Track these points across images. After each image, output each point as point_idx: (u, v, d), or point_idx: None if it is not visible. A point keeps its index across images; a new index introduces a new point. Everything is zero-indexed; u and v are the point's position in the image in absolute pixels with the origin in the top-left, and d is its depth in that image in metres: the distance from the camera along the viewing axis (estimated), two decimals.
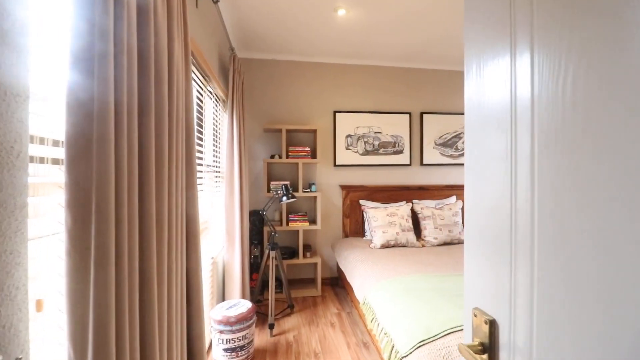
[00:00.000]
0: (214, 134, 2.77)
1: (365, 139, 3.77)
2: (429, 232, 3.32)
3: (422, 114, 3.89)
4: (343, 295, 3.42)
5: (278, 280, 3.46)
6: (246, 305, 2.25)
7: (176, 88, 1.10)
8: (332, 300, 3.27)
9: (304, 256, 3.42)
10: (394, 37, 3.15)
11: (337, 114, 3.72)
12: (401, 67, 3.89)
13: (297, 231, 3.62)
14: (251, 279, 3.30)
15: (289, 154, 3.42)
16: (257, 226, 3.44)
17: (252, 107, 3.61)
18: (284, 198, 2.86)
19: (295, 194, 3.33)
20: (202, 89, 2.33)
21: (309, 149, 3.45)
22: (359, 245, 3.19)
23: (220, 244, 2.77)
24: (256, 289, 2.91)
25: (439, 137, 3.94)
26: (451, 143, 3.97)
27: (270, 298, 2.69)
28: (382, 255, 2.83)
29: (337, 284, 3.75)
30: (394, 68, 3.88)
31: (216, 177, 2.79)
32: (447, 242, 3.31)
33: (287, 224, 3.40)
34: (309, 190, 3.50)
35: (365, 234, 3.52)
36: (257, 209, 3.53)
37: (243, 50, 3.49)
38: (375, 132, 3.79)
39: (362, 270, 2.53)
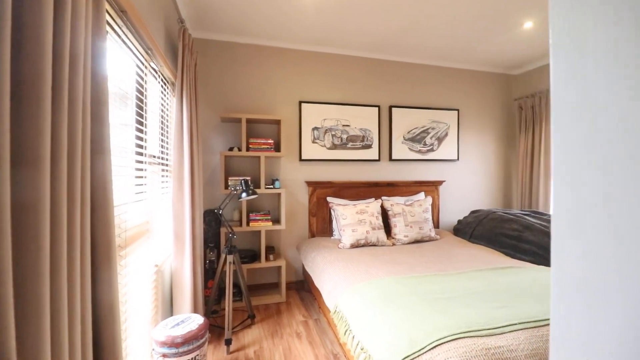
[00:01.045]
0: (161, 121, 2.36)
1: (333, 132, 3.54)
2: (400, 229, 3.17)
3: (391, 107, 3.75)
4: (310, 300, 3.16)
5: (237, 287, 3.11)
6: (197, 320, 1.90)
7: (70, 21, 0.75)
8: (297, 307, 2.99)
9: (267, 259, 3.11)
10: (364, 24, 2.94)
11: (302, 104, 3.44)
12: (370, 58, 3.71)
13: (259, 232, 3.30)
14: (206, 287, 2.92)
15: (250, 146, 3.08)
16: (213, 227, 3.06)
17: (208, 94, 3.21)
18: (244, 195, 2.53)
19: (257, 190, 3.01)
20: (143, 65, 1.93)
21: (272, 142, 3.14)
22: (327, 246, 2.95)
23: (167, 249, 2.37)
24: (211, 298, 2.55)
25: (408, 132, 3.82)
26: (419, 138, 3.87)
27: (227, 309, 2.35)
28: (352, 256, 2.61)
29: (303, 288, 3.47)
30: (363, 58, 3.69)
31: (163, 171, 2.39)
32: (417, 239, 3.18)
33: (248, 224, 3.06)
34: (272, 186, 3.19)
35: (334, 233, 3.29)
36: (213, 208, 3.15)
37: (197, 29, 3.09)
38: (343, 125, 3.57)
39: (331, 274, 2.29)
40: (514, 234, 3.02)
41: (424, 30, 3.12)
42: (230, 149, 3.06)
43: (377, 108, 3.69)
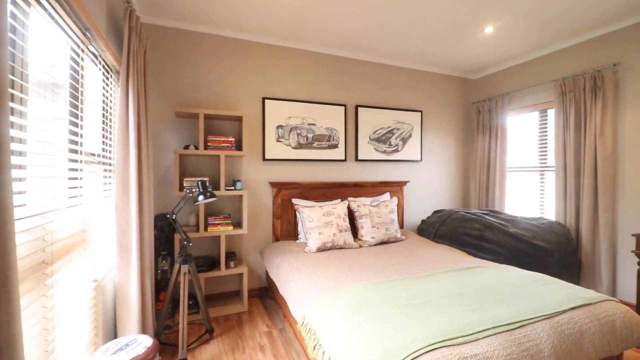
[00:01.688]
0: (104, 115, 2.06)
1: (299, 131, 3.40)
2: (366, 231, 3.11)
3: (357, 106, 3.69)
4: (274, 308, 2.99)
5: (194, 298, 2.85)
6: (144, 343, 1.66)
7: None
8: (261, 316, 2.81)
9: (227, 266, 2.89)
10: (333, 21, 2.84)
11: (266, 100, 3.26)
12: (338, 56, 3.63)
13: (219, 237, 3.06)
14: (158, 300, 2.63)
15: (208, 144, 2.84)
16: (166, 233, 2.77)
17: (162, 86, 2.91)
18: (201, 197, 2.30)
19: (216, 192, 2.78)
20: (80, 49, 1.65)
21: (234, 140, 2.92)
22: (292, 250, 2.80)
23: (110, 261, 2.07)
24: (163, 312, 2.28)
25: (374, 132, 3.80)
26: (385, 139, 3.86)
27: (181, 324, 2.11)
28: (319, 261, 2.49)
29: (267, 295, 3.29)
30: (331, 56, 3.59)
31: (106, 171, 2.09)
32: (384, 240, 3.15)
33: (206, 229, 2.81)
34: (233, 188, 2.97)
35: (299, 236, 3.15)
36: (166, 212, 2.86)
37: (150, 13, 2.78)
38: (309, 124, 3.44)
39: (297, 282, 2.15)
40: (475, 233, 3.09)
41: (391, 32, 3.09)
42: (186, 147, 2.80)
43: (343, 107, 3.61)
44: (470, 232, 3.13)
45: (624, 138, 2.91)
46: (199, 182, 2.34)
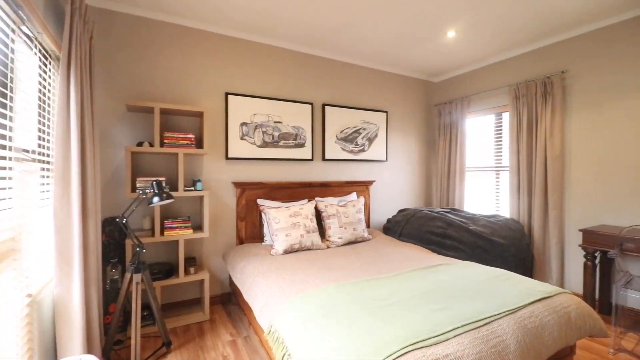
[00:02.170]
0: (41, 106, 1.81)
1: (264, 129, 3.27)
2: (334, 231, 3.07)
3: (324, 105, 3.65)
4: (238, 315, 2.84)
5: (149, 309, 2.62)
6: None
7: None
8: (224, 324, 2.66)
9: (187, 272, 2.70)
10: (301, 16, 2.75)
11: (230, 96, 3.10)
12: (305, 53, 3.55)
13: (177, 242, 2.85)
14: (107, 312, 2.38)
15: (165, 141, 2.62)
16: (116, 239, 2.52)
17: (113, 77, 2.65)
18: (156, 199, 2.11)
19: (174, 193, 2.58)
20: (10, 29, 1.42)
21: (194, 137, 2.73)
22: (258, 253, 2.68)
23: (48, 272, 1.82)
24: (113, 326, 2.06)
25: (341, 132, 3.77)
26: (352, 138, 3.86)
27: (133, 338, 1.91)
28: (287, 264, 2.40)
29: (230, 301, 3.13)
30: (298, 53, 3.50)
31: (44, 170, 1.84)
32: (351, 241, 3.13)
33: (162, 234, 2.60)
34: (193, 188, 2.78)
35: (265, 238, 3.03)
36: (116, 216, 2.61)
37: None
38: (275, 122, 3.33)
39: (263, 287, 2.04)
40: (439, 231, 3.18)
41: (356, 32, 3.08)
42: (140, 144, 2.57)
43: (310, 105, 3.54)
44: (434, 230, 3.21)
45: (571, 140, 3.14)
46: (154, 183, 2.14)
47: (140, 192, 2.16)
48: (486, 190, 4.06)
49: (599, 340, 2.36)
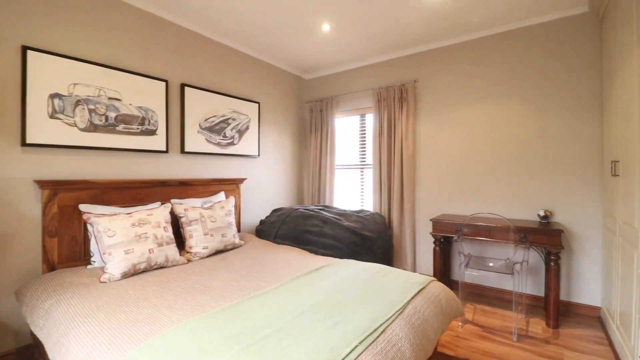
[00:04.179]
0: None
1: (92, 106, 2.36)
2: (197, 240, 2.50)
3: (183, 85, 2.97)
4: None
5: None
6: None
7: None
8: None
9: None
10: None
11: (30, 52, 2.07)
12: (157, 16, 2.77)
13: None
14: None
15: None
16: None
17: None
18: None
19: None
20: None
21: None
22: (79, 283, 1.85)
23: None
24: None
25: (205, 120, 3.17)
26: (219, 129, 3.31)
27: None
28: (126, 293, 1.71)
29: (33, 356, 2.11)
30: (147, 13, 2.70)
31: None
32: (219, 249, 2.62)
33: None
34: None
35: (93, 259, 2.16)
36: None
37: None
38: (110, 98, 2.46)
39: (83, 338, 1.33)
40: (316, 229, 3.05)
41: (228, 5, 2.59)
42: None
43: (164, 83, 2.80)
44: (311, 228, 3.07)
45: (420, 142, 3.57)
46: None
47: None
48: (352, 186, 4.25)
49: None
